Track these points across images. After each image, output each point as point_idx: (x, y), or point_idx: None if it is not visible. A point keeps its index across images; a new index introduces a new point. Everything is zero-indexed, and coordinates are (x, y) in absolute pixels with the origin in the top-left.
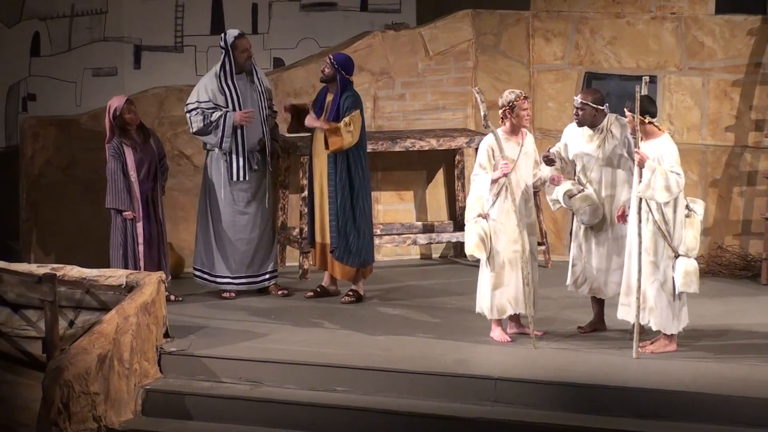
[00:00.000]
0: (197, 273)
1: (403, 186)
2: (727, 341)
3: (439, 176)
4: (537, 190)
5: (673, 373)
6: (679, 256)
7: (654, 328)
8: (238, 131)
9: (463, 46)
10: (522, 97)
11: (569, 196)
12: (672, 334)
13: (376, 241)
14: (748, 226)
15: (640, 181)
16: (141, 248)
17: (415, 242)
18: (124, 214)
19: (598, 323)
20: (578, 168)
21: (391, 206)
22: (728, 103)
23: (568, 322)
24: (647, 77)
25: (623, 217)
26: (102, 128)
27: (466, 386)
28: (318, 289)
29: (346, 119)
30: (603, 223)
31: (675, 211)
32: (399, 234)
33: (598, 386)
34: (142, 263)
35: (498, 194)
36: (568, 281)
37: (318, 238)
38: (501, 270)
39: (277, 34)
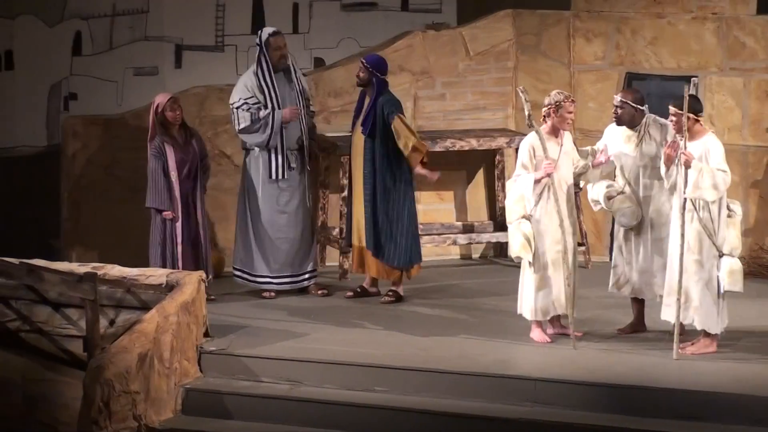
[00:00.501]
0: (237, 273)
1: (443, 186)
2: None
3: (479, 176)
4: (578, 183)
5: (713, 374)
6: (723, 255)
7: (698, 327)
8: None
9: (504, 46)
10: (570, 100)
11: (608, 197)
12: (714, 335)
13: None
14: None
15: (686, 182)
16: (180, 248)
17: (455, 242)
18: (164, 214)
19: (638, 324)
20: (617, 168)
21: (431, 206)
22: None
23: (608, 323)
24: (696, 78)
25: (670, 158)
26: (143, 127)
27: (506, 387)
28: (358, 290)
29: (404, 141)
30: (642, 224)
31: (720, 210)
32: (439, 234)
33: (637, 387)
34: (180, 263)
35: (540, 195)
36: (610, 283)
37: (355, 241)
38: (545, 271)
39: (317, 33)
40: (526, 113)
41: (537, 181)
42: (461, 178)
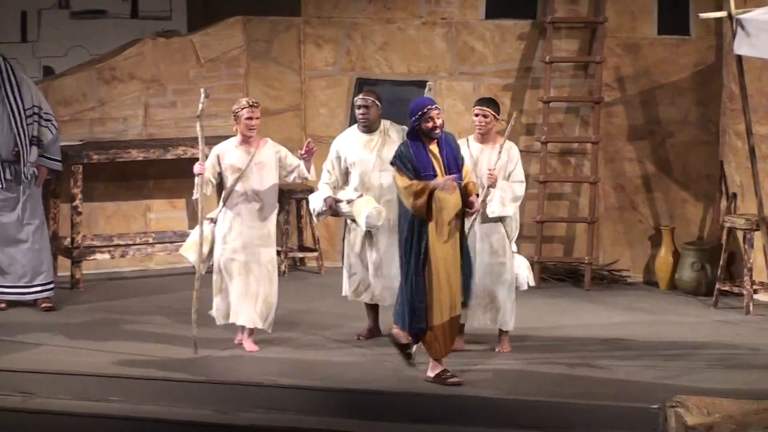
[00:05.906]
0: None
1: (175, 194)
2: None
3: None
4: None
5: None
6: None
7: (504, 328)
8: None
9: (235, 53)
10: (248, 106)
11: (348, 201)
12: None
13: (149, 249)
14: (521, 229)
15: (482, 198)
16: None
17: None
18: None
19: (375, 329)
20: (356, 174)
21: (163, 214)
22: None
23: (344, 329)
24: (431, 83)
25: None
26: None
27: (240, 394)
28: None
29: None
30: (382, 229)
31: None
32: (171, 242)
33: (371, 392)
34: None
35: (225, 201)
36: (349, 290)
37: (438, 319)
38: (217, 276)
39: (46, 42)
40: (198, 112)
41: (230, 189)
42: (192, 186)
